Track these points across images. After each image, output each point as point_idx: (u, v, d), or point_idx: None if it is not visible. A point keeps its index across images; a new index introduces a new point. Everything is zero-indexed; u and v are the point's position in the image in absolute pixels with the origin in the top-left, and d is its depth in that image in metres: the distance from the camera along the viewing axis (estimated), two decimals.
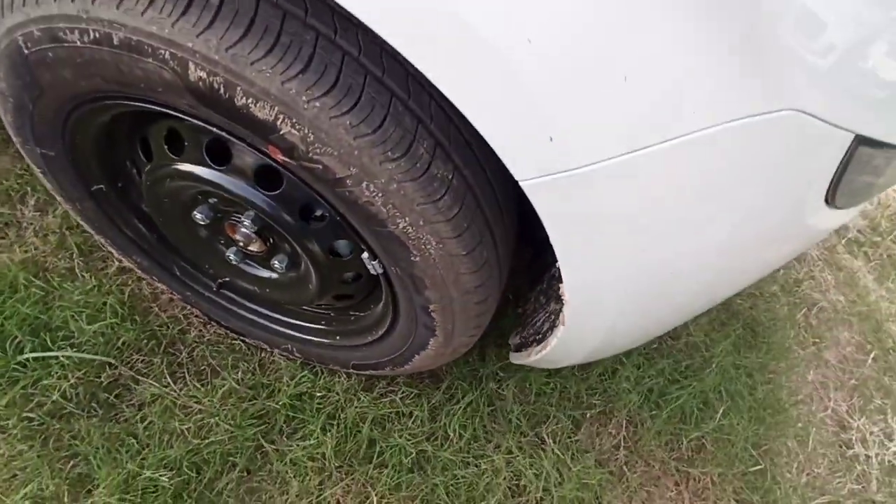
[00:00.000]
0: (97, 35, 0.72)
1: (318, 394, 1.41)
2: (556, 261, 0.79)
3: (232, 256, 1.12)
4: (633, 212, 0.67)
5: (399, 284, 0.96)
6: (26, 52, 0.78)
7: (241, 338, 1.41)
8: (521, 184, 0.66)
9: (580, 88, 0.56)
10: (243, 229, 1.01)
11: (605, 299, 0.83)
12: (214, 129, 0.83)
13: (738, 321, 1.92)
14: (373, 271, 0.97)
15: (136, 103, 0.84)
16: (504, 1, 0.54)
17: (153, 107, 0.83)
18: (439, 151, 0.78)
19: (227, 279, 1.26)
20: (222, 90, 0.71)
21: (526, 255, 1.59)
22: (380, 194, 0.77)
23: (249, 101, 0.71)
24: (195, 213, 1.02)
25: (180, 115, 0.83)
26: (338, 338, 1.29)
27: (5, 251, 1.42)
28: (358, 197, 0.78)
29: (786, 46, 0.55)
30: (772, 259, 0.92)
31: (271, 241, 1.08)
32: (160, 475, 1.22)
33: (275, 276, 1.16)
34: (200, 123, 0.83)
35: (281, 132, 0.73)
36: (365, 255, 0.94)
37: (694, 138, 0.58)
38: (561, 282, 0.84)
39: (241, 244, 1.09)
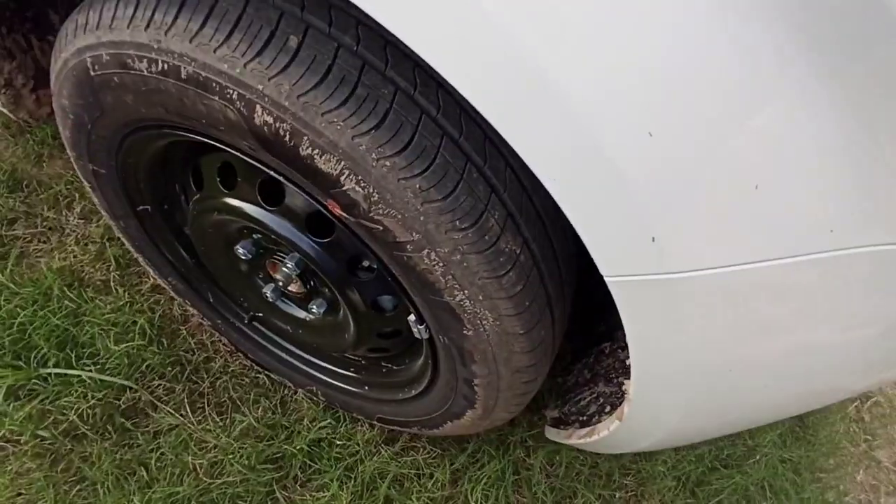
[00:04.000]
0: (165, 66, 0.68)
1: (339, 442, 1.33)
2: (609, 339, 0.71)
3: (269, 293, 1.07)
4: (728, 323, 0.59)
5: (444, 353, 0.89)
6: (93, 73, 0.76)
7: (266, 372, 1.37)
8: (606, 279, 0.59)
9: (704, 190, 0.49)
10: (285, 269, 0.97)
11: (675, 403, 0.75)
12: (271, 172, 0.78)
13: None
14: (417, 335, 0.90)
15: (195, 136, 0.80)
16: (626, 100, 0.47)
17: (212, 142, 0.80)
18: (510, 224, 0.71)
19: (261, 314, 1.21)
20: (288, 137, 0.66)
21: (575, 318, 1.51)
22: (441, 264, 0.70)
23: (315, 152, 0.66)
24: (238, 247, 1.00)
25: (238, 153, 0.79)
26: (366, 388, 1.22)
27: (45, 256, 1.40)
28: (417, 263, 0.72)
29: None
30: (857, 387, 0.82)
31: (312, 283, 1.03)
32: None
33: (310, 318, 1.11)
34: (258, 164, 0.78)
35: (343, 188, 0.68)
36: (411, 317, 0.88)
37: (819, 259, 0.50)
38: (624, 376, 0.76)
39: (281, 283, 1.05)
